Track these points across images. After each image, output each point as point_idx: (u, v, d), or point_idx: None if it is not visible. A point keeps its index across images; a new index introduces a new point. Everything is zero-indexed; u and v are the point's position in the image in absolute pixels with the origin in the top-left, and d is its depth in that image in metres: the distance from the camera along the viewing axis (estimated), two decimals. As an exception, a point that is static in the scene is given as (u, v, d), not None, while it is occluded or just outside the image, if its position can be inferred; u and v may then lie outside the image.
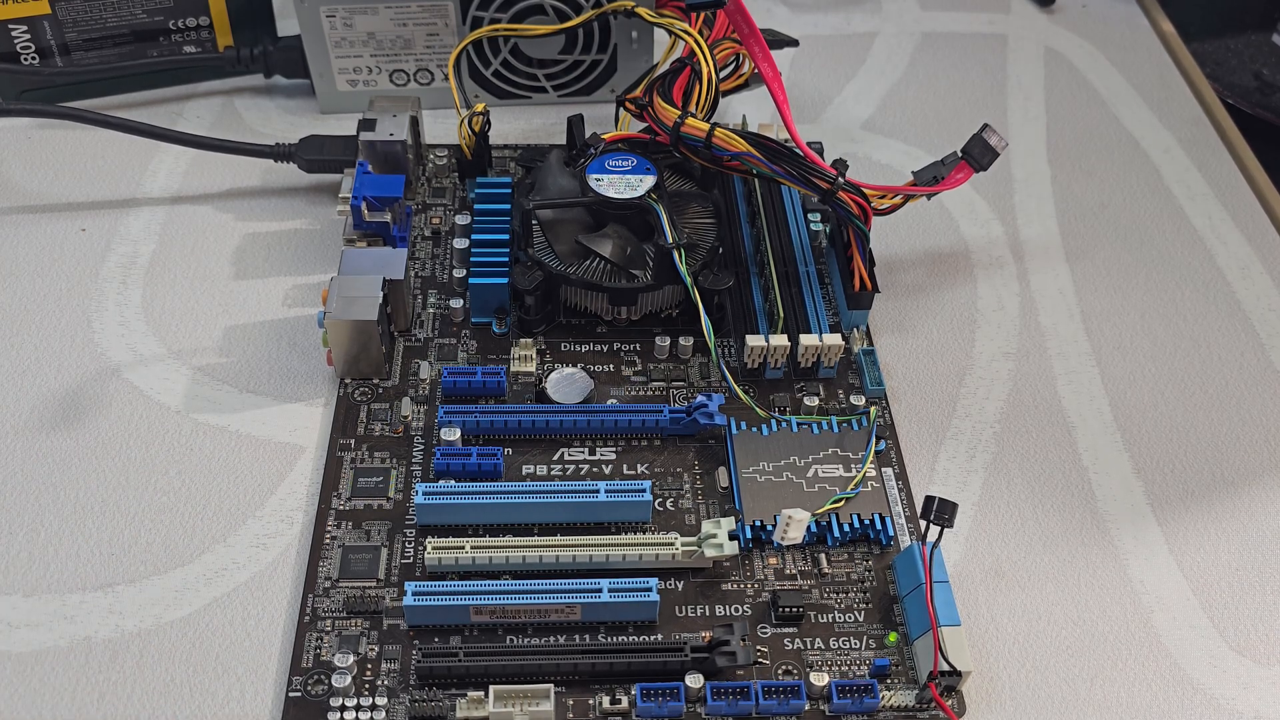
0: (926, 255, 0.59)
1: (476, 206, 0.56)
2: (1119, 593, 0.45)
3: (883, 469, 0.48)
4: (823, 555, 0.45)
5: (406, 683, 0.41)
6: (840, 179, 0.50)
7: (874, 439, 0.48)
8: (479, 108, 0.56)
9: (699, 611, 0.43)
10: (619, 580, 0.42)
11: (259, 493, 0.47)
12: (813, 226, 0.58)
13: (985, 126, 0.51)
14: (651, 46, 0.64)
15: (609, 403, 0.50)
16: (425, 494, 0.44)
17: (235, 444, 0.48)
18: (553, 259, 0.51)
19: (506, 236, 0.54)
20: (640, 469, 0.48)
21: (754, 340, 0.50)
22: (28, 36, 0.61)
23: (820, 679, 0.41)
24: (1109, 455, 0.50)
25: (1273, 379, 0.54)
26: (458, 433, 0.47)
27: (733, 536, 0.44)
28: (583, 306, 0.53)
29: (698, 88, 0.54)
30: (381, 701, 0.40)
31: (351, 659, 0.41)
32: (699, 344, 0.52)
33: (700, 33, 0.56)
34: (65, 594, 0.43)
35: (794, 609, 0.43)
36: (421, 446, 0.48)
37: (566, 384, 0.50)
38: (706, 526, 0.44)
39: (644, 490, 0.45)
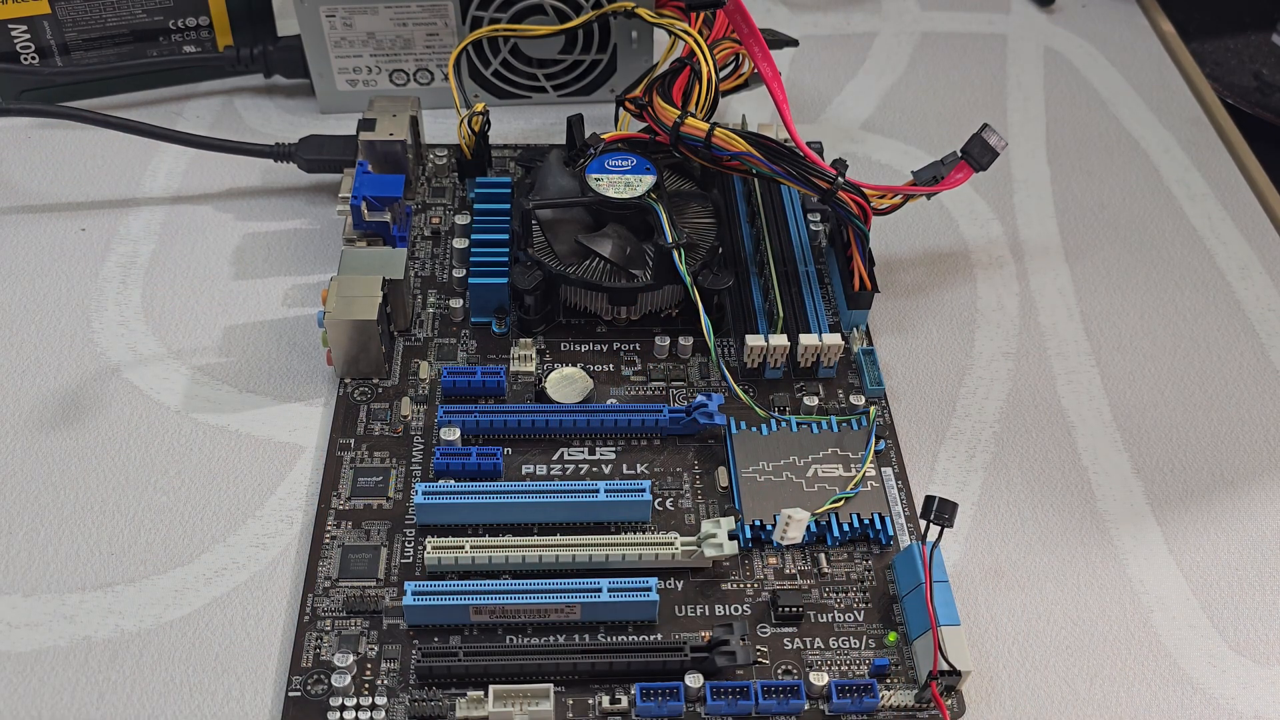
0: (926, 255, 0.59)
1: (476, 206, 0.56)
2: (1118, 592, 0.45)
3: (882, 469, 0.48)
4: (822, 555, 0.45)
5: (406, 682, 0.41)
6: (840, 179, 0.50)
7: (874, 439, 0.48)
8: (479, 108, 0.56)
9: (699, 611, 0.43)
10: (618, 580, 0.42)
11: (259, 492, 0.47)
12: (813, 226, 0.58)
13: (985, 126, 0.51)
14: (651, 46, 0.64)
15: (609, 403, 0.50)
16: (425, 494, 0.44)
17: (235, 444, 0.48)
18: (552, 259, 0.51)
19: (506, 236, 0.54)
20: (640, 469, 0.48)
21: (754, 340, 0.50)
22: (28, 36, 0.61)
23: (820, 679, 0.41)
24: (1109, 455, 0.50)
25: (1273, 379, 0.54)
26: (457, 432, 0.47)
27: (732, 536, 0.44)
28: (583, 306, 0.53)
29: (697, 88, 0.54)
30: (381, 701, 0.40)
31: (351, 659, 0.41)
32: (699, 344, 0.52)
33: (700, 33, 0.56)
34: (65, 594, 0.43)
35: (793, 609, 0.43)
36: (421, 446, 0.48)
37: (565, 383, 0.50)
38: (706, 526, 0.44)
39: (644, 490, 0.45)
